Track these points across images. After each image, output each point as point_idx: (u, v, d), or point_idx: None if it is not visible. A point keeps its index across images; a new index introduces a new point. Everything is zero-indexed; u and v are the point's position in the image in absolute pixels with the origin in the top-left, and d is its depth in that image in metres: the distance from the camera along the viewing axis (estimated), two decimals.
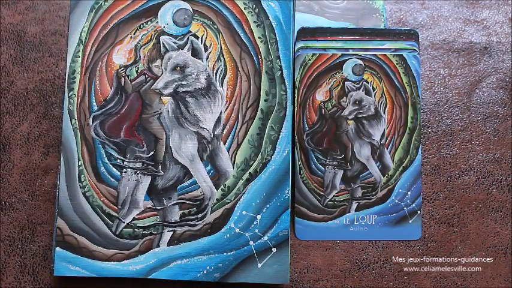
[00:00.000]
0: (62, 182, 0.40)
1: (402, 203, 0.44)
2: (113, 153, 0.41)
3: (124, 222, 0.40)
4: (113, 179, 0.41)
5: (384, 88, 0.45)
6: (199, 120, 0.41)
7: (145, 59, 0.42)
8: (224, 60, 0.42)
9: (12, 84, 0.46)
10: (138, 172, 0.41)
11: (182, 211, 0.41)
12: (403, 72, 0.45)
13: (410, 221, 0.44)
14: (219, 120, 0.41)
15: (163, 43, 0.42)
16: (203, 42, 0.42)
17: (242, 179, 0.41)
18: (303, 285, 0.42)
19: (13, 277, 0.42)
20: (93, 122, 0.41)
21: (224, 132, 0.41)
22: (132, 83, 0.42)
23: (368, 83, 0.45)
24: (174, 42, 0.42)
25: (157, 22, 0.42)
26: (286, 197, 0.40)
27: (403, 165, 0.44)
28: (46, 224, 0.43)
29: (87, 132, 0.41)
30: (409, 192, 0.44)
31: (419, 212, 0.44)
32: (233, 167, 0.41)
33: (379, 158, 0.45)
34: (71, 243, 0.40)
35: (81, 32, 0.42)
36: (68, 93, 0.41)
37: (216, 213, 0.40)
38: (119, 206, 0.40)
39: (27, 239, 0.42)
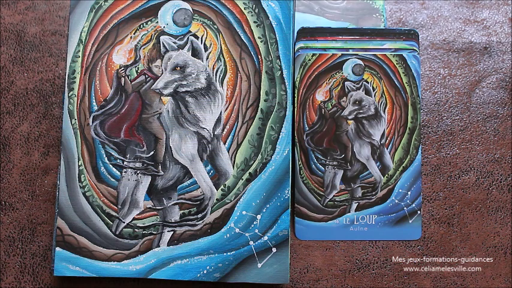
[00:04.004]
0: (62, 182, 0.40)
1: (402, 203, 0.44)
2: (113, 153, 0.41)
3: (124, 222, 0.40)
4: (112, 179, 0.41)
5: (384, 88, 0.45)
6: (199, 120, 0.41)
7: (145, 59, 0.42)
8: (224, 60, 0.42)
9: (12, 84, 0.46)
10: (138, 172, 0.41)
11: (182, 211, 0.41)
12: (403, 72, 0.45)
13: (410, 221, 0.44)
14: (219, 120, 0.41)
15: (163, 43, 0.42)
16: (203, 42, 0.42)
17: (242, 179, 0.41)
18: (303, 285, 0.42)
19: (13, 277, 0.42)
20: (93, 122, 0.41)
21: (224, 132, 0.41)
22: (132, 83, 0.42)
23: (368, 83, 0.45)
24: (174, 42, 0.42)
25: (157, 22, 0.42)
26: (286, 197, 0.40)
27: (403, 165, 0.44)
28: (46, 224, 0.43)
29: (87, 132, 0.41)
30: (409, 192, 0.44)
31: (419, 212, 0.44)
32: (233, 167, 0.41)
33: (379, 158, 0.45)
34: (71, 243, 0.40)
35: (81, 32, 0.42)
36: (68, 93, 0.41)
37: (216, 213, 0.40)
38: (119, 206, 0.40)
39: (27, 239, 0.42)
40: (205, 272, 0.40)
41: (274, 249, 0.40)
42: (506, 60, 0.48)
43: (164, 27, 0.42)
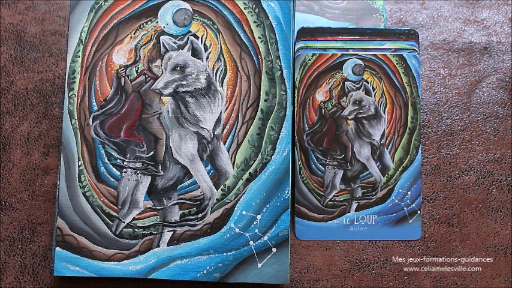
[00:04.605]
0: (62, 182, 0.40)
1: (402, 203, 0.44)
2: (113, 153, 0.41)
3: (124, 222, 0.40)
4: (112, 179, 0.41)
5: (384, 88, 0.45)
6: (199, 120, 0.41)
7: (145, 59, 0.42)
8: (224, 60, 0.42)
9: (12, 84, 0.46)
10: (138, 172, 0.41)
11: (182, 211, 0.41)
12: (403, 72, 0.45)
13: (410, 221, 0.44)
14: (219, 120, 0.41)
15: (163, 43, 0.42)
16: (203, 42, 0.42)
17: (242, 179, 0.41)
18: (303, 285, 0.42)
19: (13, 277, 0.42)
20: (93, 122, 0.41)
21: (224, 132, 0.41)
22: (132, 83, 0.42)
23: (368, 83, 0.45)
24: (174, 42, 0.42)
25: (157, 22, 0.42)
26: (286, 197, 0.40)
27: (403, 165, 0.44)
28: (46, 224, 0.43)
29: (87, 132, 0.41)
30: (409, 192, 0.44)
31: (419, 212, 0.44)
32: (233, 167, 0.41)
33: (379, 158, 0.45)
34: (71, 243, 0.40)
35: (81, 32, 0.42)
36: (68, 93, 0.41)
37: (216, 213, 0.40)
38: (119, 206, 0.40)
39: (27, 239, 0.42)
40: (205, 272, 0.40)
41: (274, 249, 0.40)
42: (506, 60, 0.48)
43: (164, 27, 0.42)
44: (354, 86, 0.45)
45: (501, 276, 0.43)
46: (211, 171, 0.41)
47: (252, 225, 0.40)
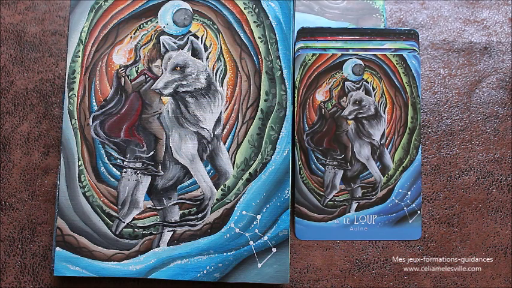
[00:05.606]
0: (62, 182, 0.40)
1: (402, 203, 0.44)
2: (113, 153, 0.41)
3: (124, 222, 0.40)
4: (112, 179, 0.41)
5: (384, 88, 0.45)
6: (199, 120, 0.41)
7: (145, 59, 0.42)
8: (224, 60, 0.42)
9: (12, 84, 0.46)
10: (138, 172, 0.41)
11: (182, 211, 0.41)
12: (403, 72, 0.45)
13: (410, 221, 0.44)
14: (219, 120, 0.41)
15: (163, 43, 0.42)
16: (203, 42, 0.42)
17: (242, 179, 0.41)
18: (303, 285, 0.42)
19: (13, 277, 0.42)
20: (93, 122, 0.41)
21: (224, 132, 0.41)
22: (132, 83, 0.42)
23: (368, 83, 0.45)
24: (174, 42, 0.42)
25: (157, 22, 0.42)
26: (286, 197, 0.40)
27: (403, 165, 0.44)
28: (46, 224, 0.43)
29: (87, 132, 0.41)
30: (409, 192, 0.44)
31: (419, 212, 0.44)
32: (233, 167, 0.41)
33: (379, 158, 0.45)
34: (71, 243, 0.40)
35: (81, 32, 0.42)
36: (68, 93, 0.41)
37: (216, 213, 0.40)
38: (119, 206, 0.40)
39: (27, 239, 0.42)
40: (205, 272, 0.40)
41: (274, 249, 0.40)
42: (506, 60, 0.48)
43: (164, 27, 0.42)
44: (354, 86, 0.45)
45: (501, 276, 0.43)
46: (211, 171, 0.41)
47: (252, 225, 0.40)
